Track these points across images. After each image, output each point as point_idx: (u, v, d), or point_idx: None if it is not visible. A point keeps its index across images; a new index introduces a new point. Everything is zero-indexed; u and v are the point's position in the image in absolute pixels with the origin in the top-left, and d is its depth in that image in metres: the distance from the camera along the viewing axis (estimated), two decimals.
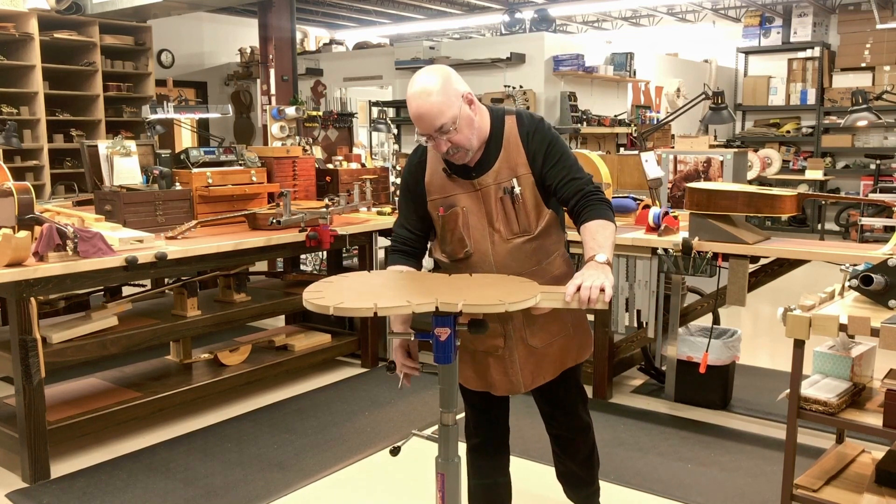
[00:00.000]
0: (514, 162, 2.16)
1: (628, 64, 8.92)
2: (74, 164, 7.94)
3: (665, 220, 3.81)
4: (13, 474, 3.33)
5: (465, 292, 1.87)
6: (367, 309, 1.74)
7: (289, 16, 7.93)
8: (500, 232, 2.17)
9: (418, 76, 2.07)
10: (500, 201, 2.16)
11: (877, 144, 10.35)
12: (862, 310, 2.40)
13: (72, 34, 7.80)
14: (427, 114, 2.03)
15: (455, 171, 2.19)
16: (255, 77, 10.17)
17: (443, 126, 2.03)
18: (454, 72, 2.10)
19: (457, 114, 2.05)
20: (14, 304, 3.09)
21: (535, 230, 2.18)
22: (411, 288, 2.00)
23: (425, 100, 2.03)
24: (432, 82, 2.04)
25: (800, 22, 10.66)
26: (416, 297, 1.83)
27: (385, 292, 1.92)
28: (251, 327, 5.32)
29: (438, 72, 2.07)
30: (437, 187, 2.21)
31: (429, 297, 1.81)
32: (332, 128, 6.55)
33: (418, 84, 2.05)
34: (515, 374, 2.26)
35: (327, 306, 1.77)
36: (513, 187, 2.15)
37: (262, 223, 4.16)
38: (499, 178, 2.16)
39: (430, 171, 2.23)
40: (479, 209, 2.17)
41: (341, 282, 2.02)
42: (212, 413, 4.04)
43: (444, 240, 2.24)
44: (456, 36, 12.55)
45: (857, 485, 2.59)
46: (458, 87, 2.07)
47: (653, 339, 4.07)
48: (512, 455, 2.54)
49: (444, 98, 2.03)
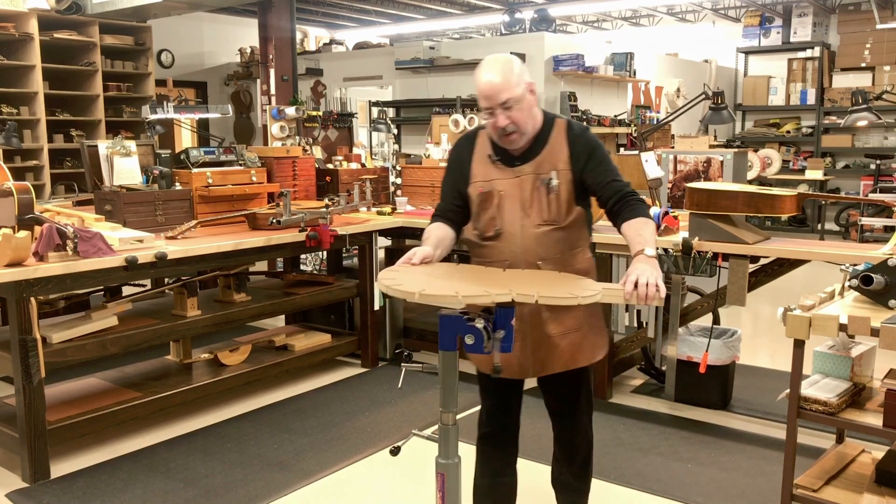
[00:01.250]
0: (556, 158, 2.30)
1: (628, 64, 8.91)
2: (74, 164, 7.94)
3: (665, 220, 3.81)
4: (13, 474, 3.33)
5: (531, 286, 1.96)
6: (451, 297, 1.83)
7: (289, 16, 7.93)
8: (530, 217, 2.30)
9: (490, 56, 2.26)
10: (537, 190, 2.30)
11: (877, 144, 10.35)
12: (862, 310, 2.40)
13: (72, 34, 7.80)
14: (498, 86, 2.17)
15: (500, 157, 2.33)
16: (255, 77, 10.17)
17: (507, 101, 2.18)
18: (522, 62, 2.28)
19: (522, 95, 2.21)
20: (14, 304, 3.09)
21: (564, 221, 2.30)
22: (483, 278, 2.08)
23: (497, 73, 2.18)
24: (504, 61, 2.22)
25: (800, 22, 10.66)
26: (492, 287, 1.92)
27: (459, 283, 1.99)
28: (251, 327, 5.32)
29: (509, 57, 2.25)
30: (481, 172, 2.36)
31: (505, 288, 1.91)
32: (332, 128, 6.55)
33: (492, 60, 2.22)
34: (526, 358, 2.34)
35: (412, 292, 1.86)
36: (550, 178, 2.29)
37: (262, 223, 4.16)
38: (539, 169, 2.30)
39: (476, 156, 2.38)
40: (515, 194, 2.31)
41: (409, 272, 2.09)
42: (212, 413, 4.04)
43: (478, 218, 2.37)
44: (456, 36, 12.55)
45: (857, 485, 2.59)
46: (524, 75, 2.24)
47: (653, 339, 4.07)
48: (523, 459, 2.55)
49: (515, 77, 2.20)
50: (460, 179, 2.40)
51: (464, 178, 2.39)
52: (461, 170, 2.40)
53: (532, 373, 2.37)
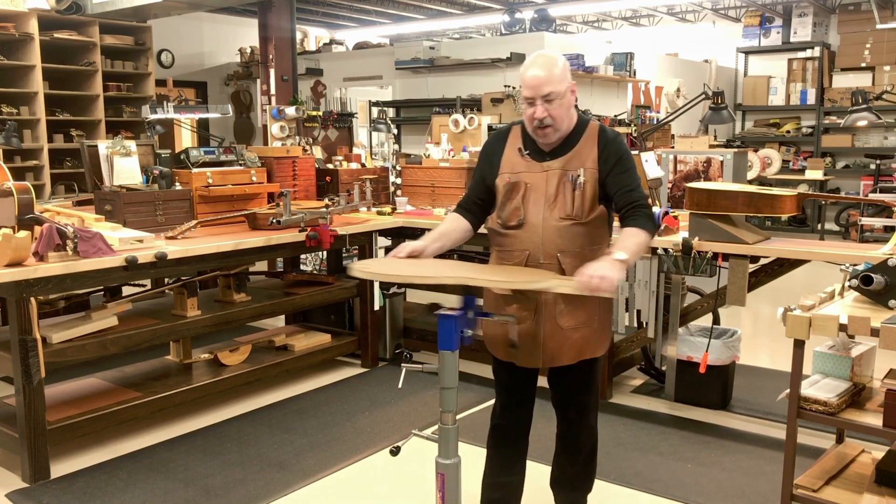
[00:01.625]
0: (585, 157, 2.39)
1: (628, 64, 8.91)
2: (74, 164, 7.94)
3: (665, 220, 3.81)
4: (13, 474, 3.33)
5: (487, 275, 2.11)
6: (396, 275, 2.04)
7: (289, 16, 7.92)
8: (553, 211, 2.37)
9: (540, 52, 2.37)
10: (563, 185, 2.37)
11: (877, 144, 10.35)
12: (862, 310, 2.40)
13: (72, 34, 7.80)
14: (542, 79, 2.27)
15: (530, 152, 2.42)
16: (255, 77, 10.17)
17: (550, 94, 2.28)
18: (568, 63, 2.39)
19: (564, 91, 2.31)
20: (14, 304, 3.09)
21: (586, 218, 2.37)
22: (452, 270, 2.23)
23: (545, 65, 2.29)
24: (553, 58, 2.33)
25: (800, 22, 10.66)
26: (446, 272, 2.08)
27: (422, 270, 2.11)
28: (251, 327, 5.31)
29: (559, 55, 2.36)
30: (510, 164, 2.45)
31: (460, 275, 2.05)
32: (332, 128, 6.55)
33: (541, 56, 2.33)
34: (537, 348, 2.39)
35: (364, 271, 2.09)
36: (578, 175, 2.36)
37: (262, 223, 4.16)
38: (567, 165, 2.39)
39: (508, 150, 2.46)
40: (541, 188, 2.39)
41: (385, 262, 2.27)
42: (212, 413, 4.04)
43: (503, 207, 2.44)
44: (456, 36, 12.54)
45: (857, 485, 2.59)
46: (568, 75, 2.35)
47: (653, 339, 4.07)
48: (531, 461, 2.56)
49: (560, 73, 2.31)
50: (489, 171, 2.48)
51: (492, 170, 2.46)
52: (491, 162, 2.48)
53: (542, 362, 2.42)
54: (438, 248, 2.40)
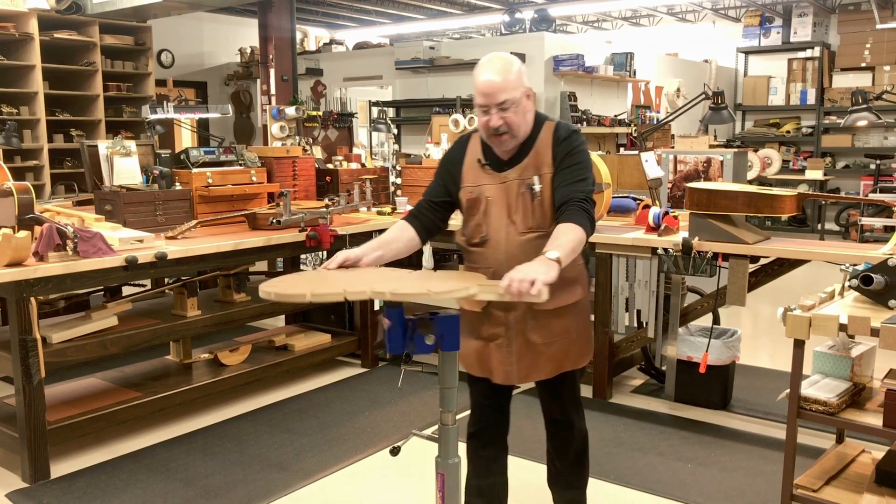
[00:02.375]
0: (541, 161, 2.28)
1: (628, 64, 8.91)
2: (74, 164, 7.94)
3: (665, 220, 3.81)
4: (13, 474, 3.33)
5: (407, 284, 1.95)
6: (300, 295, 1.86)
7: (289, 16, 7.93)
8: (515, 224, 2.28)
9: (493, 54, 2.23)
10: (521, 196, 2.28)
11: (877, 144, 10.35)
12: (862, 310, 2.40)
13: (72, 34, 7.80)
14: (497, 86, 2.16)
15: (489, 162, 2.33)
16: (255, 77, 10.17)
17: (505, 102, 2.17)
18: (523, 65, 2.27)
19: (519, 98, 2.20)
20: (14, 304, 3.09)
21: (550, 227, 2.25)
22: (356, 279, 2.05)
23: (498, 72, 2.17)
24: (508, 61, 2.20)
25: (800, 22, 10.66)
26: (352, 285, 1.91)
27: (337, 282, 1.99)
28: (251, 327, 5.32)
29: (512, 58, 2.23)
30: (471, 176, 2.36)
31: (366, 286, 1.90)
32: (332, 128, 6.55)
33: (495, 59, 2.20)
34: (511, 365, 2.35)
35: (269, 292, 1.92)
36: (533, 184, 2.27)
37: (262, 223, 4.16)
38: (523, 173, 2.29)
39: (468, 161, 2.38)
40: (502, 201, 2.30)
41: (309, 274, 2.13)
42: (212, 413, 4.04)
43: (466, 224, 2.38)
44: (456, 36, 12.54)
45: (857, 485, 2.59)
46: (523, 78, 2.23)
47: (653, 339, 4.07)
48: (512, 455, 2.55)
49: (515, 78, 2.19)
50: (451, 182, 2.40)
51: (455, 182, 2.39)
52: (451, 172, 2.40)
53: (517, 379, 2.37)
54: (377, 257, 2.22)
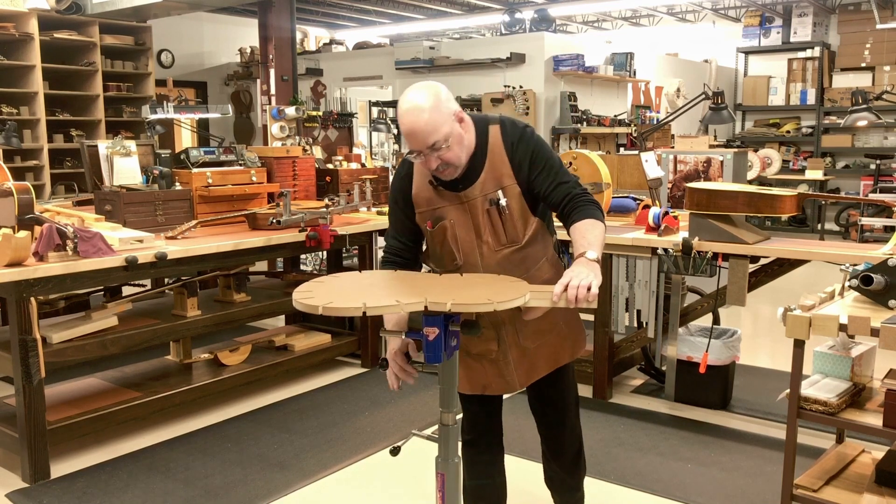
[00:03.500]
0: (499, 172, 2.15)
1: (628, 64, 8.91)
2: (74, 164, 7.94)
3: (665, 220, 3.81)
4: (13, 474, 3.33)
5: (455, 292, 1.86)
6: (356, 308, 1.75)
7: (289, 16, 7.93)
8: (488, 243, 2.18)
9: (410, 93, 2.05)
10: (487, 213, 2.16)
11: (877, 144, 10.35)
12: (862, 310, 2.40)
13: (72, 34, 7.80)
14: (421, 130, 2.00)
15: (441, 183, 2.18)
16: (255, 77, 10.17)
17: (435, 143, 2.02)
18: (445, 89, 2.09)
19: (449, 131, 2.04)
20: (14, 304, 3.09)
21: (523, 240, 2.18)
22: (401, 287, 1.98)
23: (419, 116, 2.00)
24: (425, 99, 2.02)
25: (800, 22, 10.66)
26: (405, 296, 1.82)
27: (375, 292, 1.91)
28: (251, 327, 5.32)
29: (431, 89, 2.05)
30: (425, 200, 2.21)
31: (418, 296, 1.80)
32: (332, 128, 6.56)
33: (411, 101, 2.03)
34: (510, 374, 2.31)
35: (316, 306, 1.77)
36: (498, 199, 2.15)
37: (262, 223, 4.16)
38: (485, 189, 2.15)
39: (416, 184, 2.23)
40: (467, 222, 2.18)
41: (332, 282, 2.00)
42: (212, 413, 4.04)
43: (434, 253, 2.26)
44: (456, 36, 12.54)
45: (857, 485, 2.59)
46: (450, 105, 2.05)
47: (653, 339, 4.07)
48: (511, 455, 2.55)
49: (438, 115, 2.01)
50: (407, 211, 2.25)
51: (410, 211, 2.25)
52: (405, 202, 2.25)
53: (519, 386, 2.33)
54: (397, 321, 2.10)
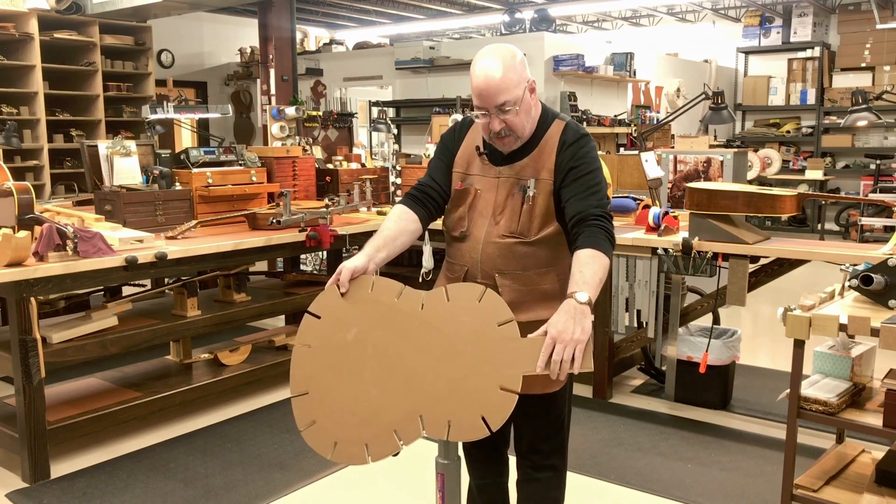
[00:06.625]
0: (542, 165, 2.07)
1: (628, 64, 8.92)
2: (74, 164, 7.94)
3: (665, 220, 3.81)
4: (13, 474, 3.33)
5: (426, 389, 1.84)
6: (361, 457, 1.87)
7: (289, 16, 7.93)
8: (498, 226, 2.10)
9: (489, 49, 1.99)
10: (512, 197, 2.09)
11: (877, 144, 10.35)
12: (862, 310, 2.40)
13: (72, 34, 7.80)
14: (494, 87, 1.94)
15: (487, 152, 2.13)
16: (255, 77, 10.17)
17: (505, 104, 1.96)
18: (522, 54, 2.03)
19: (520, 96, 1.98)
20: (14, 304, 3.09)
21: (533, 237, 2.08)
22: (386, 379, 1.89)
23: (494, 73, 1.94)
24: (503, 57, 1.96)
25: (800, 22, 10.66)
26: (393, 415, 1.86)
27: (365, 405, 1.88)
28: (251, 327, 5.31)
29: (509, 50, 1.99)
30: (464, 161, 2.17)
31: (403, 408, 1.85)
32: (332, 128, 6.55)
33: (489, 56, 1.97)
34: None
35: (328, 450, 1.88)
36: (528, 187, 2.06)
37: (262, 223, 4.16)
38: (521, 173, 2.08)
39: (466, 144, 2.19)
40: (491, 197, 2.11)
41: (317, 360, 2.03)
42: (212, 413, 4.04)
43: (450, 213, 2.20)
44: (456, 36, 12.54)
45: (857, 485, 2.59)
46: (525, 72, 2.00)
47: (653, 339, 4.07)
48: (513, 455, 2.54)
49: (514, 75, 1.95)
50: (449, 161, 2.20)
51: (451, 162, 2.20)
52: (450, 149, 2.21)
53: None
54: (384, 258, 2.03)
